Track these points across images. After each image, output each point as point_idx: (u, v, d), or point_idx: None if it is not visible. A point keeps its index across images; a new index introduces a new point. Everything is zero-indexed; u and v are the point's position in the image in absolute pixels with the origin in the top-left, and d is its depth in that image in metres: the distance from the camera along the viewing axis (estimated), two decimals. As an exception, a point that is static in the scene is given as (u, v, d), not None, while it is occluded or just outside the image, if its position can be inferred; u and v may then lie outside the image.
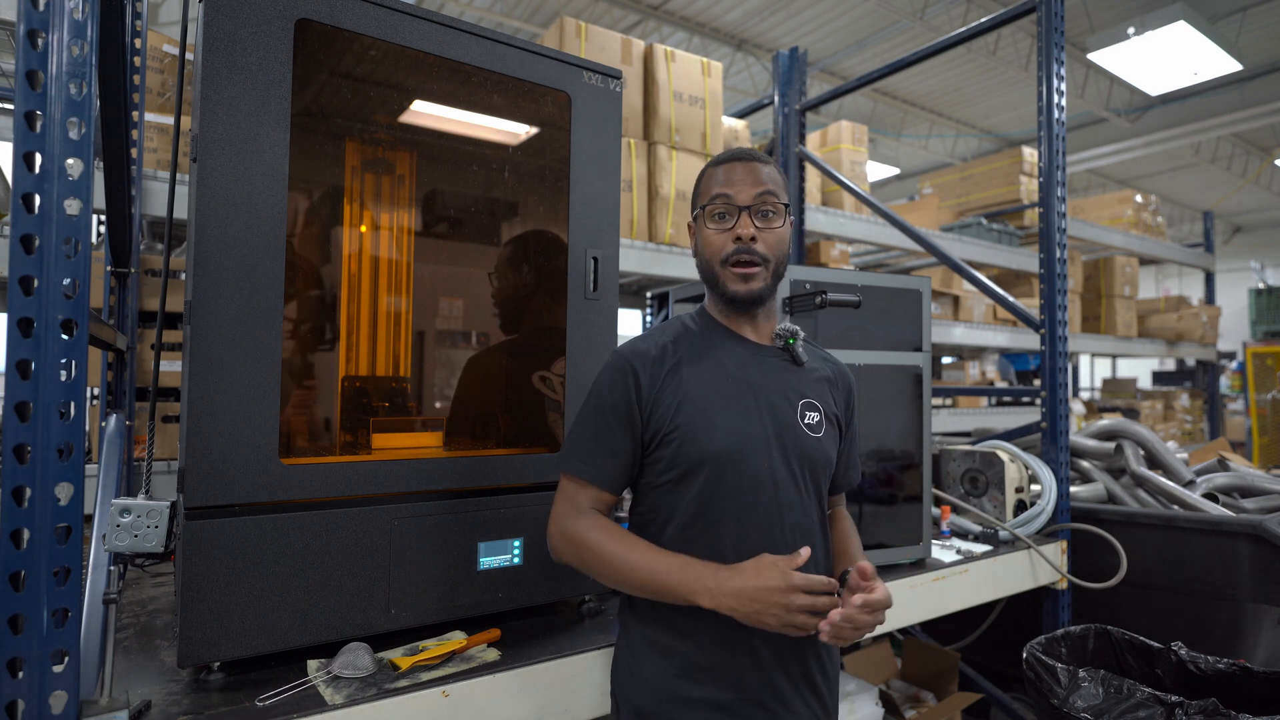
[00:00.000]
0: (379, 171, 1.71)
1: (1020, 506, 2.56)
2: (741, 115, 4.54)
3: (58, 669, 1.00)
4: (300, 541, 1.34)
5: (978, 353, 6.84)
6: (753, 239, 1.26)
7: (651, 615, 1.27)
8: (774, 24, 9.39)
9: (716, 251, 1.29)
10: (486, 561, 1.54)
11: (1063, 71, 2.66)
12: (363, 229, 1.72)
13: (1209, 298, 7.72)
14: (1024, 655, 1.98)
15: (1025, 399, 6.15)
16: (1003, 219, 6.06)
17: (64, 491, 1.00)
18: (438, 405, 1.84)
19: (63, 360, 1.00)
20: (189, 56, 2.52)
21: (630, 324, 9.14)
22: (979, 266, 5.21)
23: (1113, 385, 8.87)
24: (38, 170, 0.99)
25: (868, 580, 1.15)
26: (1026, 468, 2.62)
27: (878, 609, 1.13)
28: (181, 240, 2.90)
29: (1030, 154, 6.32)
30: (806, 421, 1.30)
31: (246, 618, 1.29)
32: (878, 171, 13.46)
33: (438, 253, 1.81)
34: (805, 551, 1.12)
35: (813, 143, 4.91)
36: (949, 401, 6.53)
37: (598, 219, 1.71)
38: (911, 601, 2.05)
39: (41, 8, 1.00)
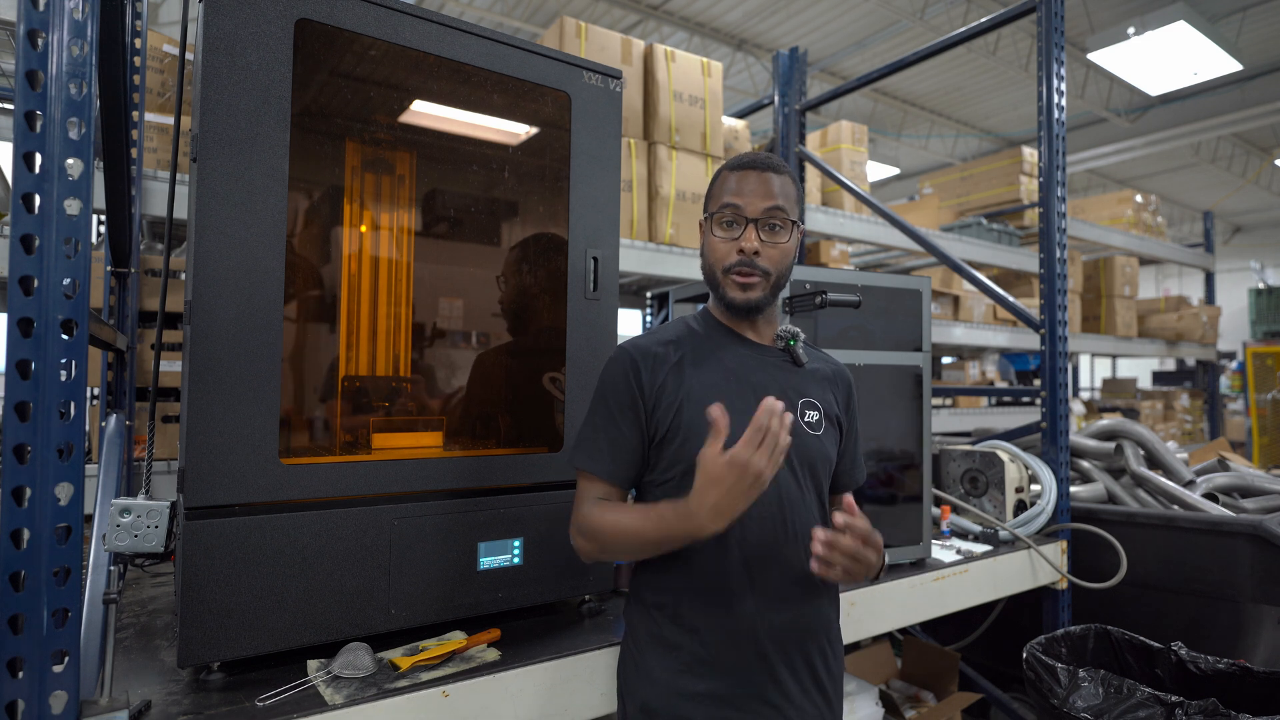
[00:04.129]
0: (379, 171, 1.71)
1: (1020, 506, 2.56)
2: (741, 115, 4.54)
3: (58, 669, 1.00)
4: (300, 541, 1.34)
5: (978, 353, 6.84)
6: (756, 253, 1.27)
7: (656, 611, 1.27)
8: (774, 24, 9.39)
9: (720, 259, 1.30)
10: (486, 561, 1.54)
11: (1063, 71, 2.66)
12: (363, 229, 1.72)
13: (1209, 298, 7.72)
14: (1024, 655, 1.98)
15: (1025, 399, 6.14)
16: (1003, 219, 6.05)
17: (64, 491, 1.00)
18: (438, 405, 1.84)
19: (63, 360, 1.00)
20: (189, 56, 2.52)
21: (630, 324, 9.14)
22: (979, 266, 5.20)
23: (1113, 385, 8.87)
24: (38, 170, 0.99)
25: (851, 512, 1.12)
26: (1026, 468, 2.62)
27: (861, 535, 1.10)
28: (181, 240, 2.90)
29: (1030, 154, 6.32)
30: (806, 420, 1.31)
31: (246, 618, 1.29)
32: (878, 171, 13.46)
33: (438, 253, 1.81)
34: (717, 411, 1.06)
35: (813, 143, 4.91)
36: (949, 401, 6.53)
37: (598, 219, 1.71)
38: (911, 601, 2.05)
39: (41, 8, 1.00)
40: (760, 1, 8.84)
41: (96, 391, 2.52)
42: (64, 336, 1.00)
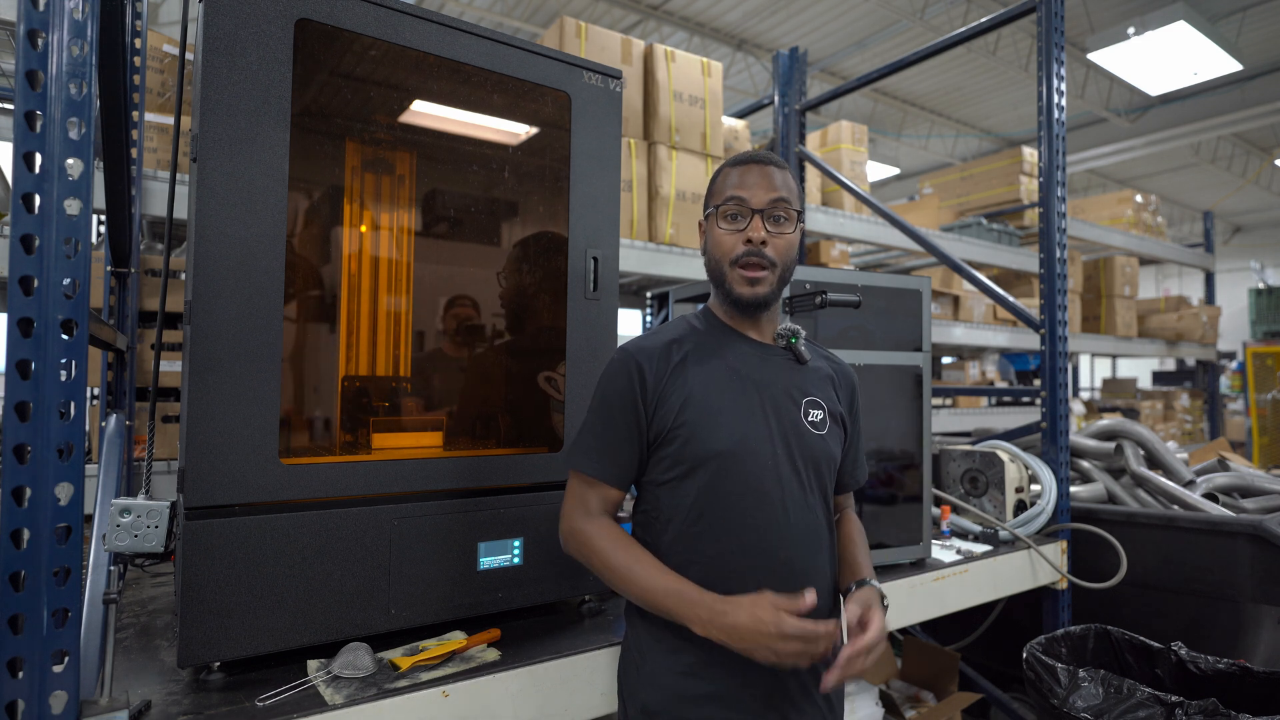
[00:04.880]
0: (379, 171, 1.72)
1: (1020, 506, 2.56)
2: (741, 115, 4.54)
3: (58, 669, 1.00)
4: (300, 541, 1.34)
5: (978, 353, 6.84)
6: (763, 242, 1.27)
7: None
8: (774, 24, 9.39)
9: (726, 252, 1.30)
10: (486, 561, 1.54)
11: (1063, 71, 2.66)
12: (363, 229, 1.72)
13: (1209, 298, 7.72)
14: (1024, 655, 1.98)
15: (1025, 399, 6.15)
16: (1003, 219, 6.06)
17: (64, 491, 1.00)
18: (438, 405, 1.84)
19: (63, 360, 1.00)
20: (189, 56, 2.52)
21: (630, 324, 9.15)
22: (979, 266, 5.21)
23: (1113, 385, 8.87)
24: (38, 170, 0.99)
25: (864, 627, 1.15)
26: (1026, 468, 2.62)
27: (868, 652, 1.13)
28: (181, 240, 2.90)
29: (1030, 154, 6.32)
30: (810, 419, 1.31)
31: (246, 618, 1.29)
32: (878, 171, 13.46)
33: (438, 253, 1.81)
34: (810, 597, 1.11)
35: (813, 143, 4.91)
36: (949, 401, 6.53)
37: (598, 219, 1.71)
38: (911, 601, 2.05)
39: (41, 8, 1.00)
40: (760, 1, 8.84)
41: (96, 391, 2.52)
42: (64, 336, 1.00)
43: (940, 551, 2.31)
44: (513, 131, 1.76)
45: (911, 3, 8.60)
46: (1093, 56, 8.53)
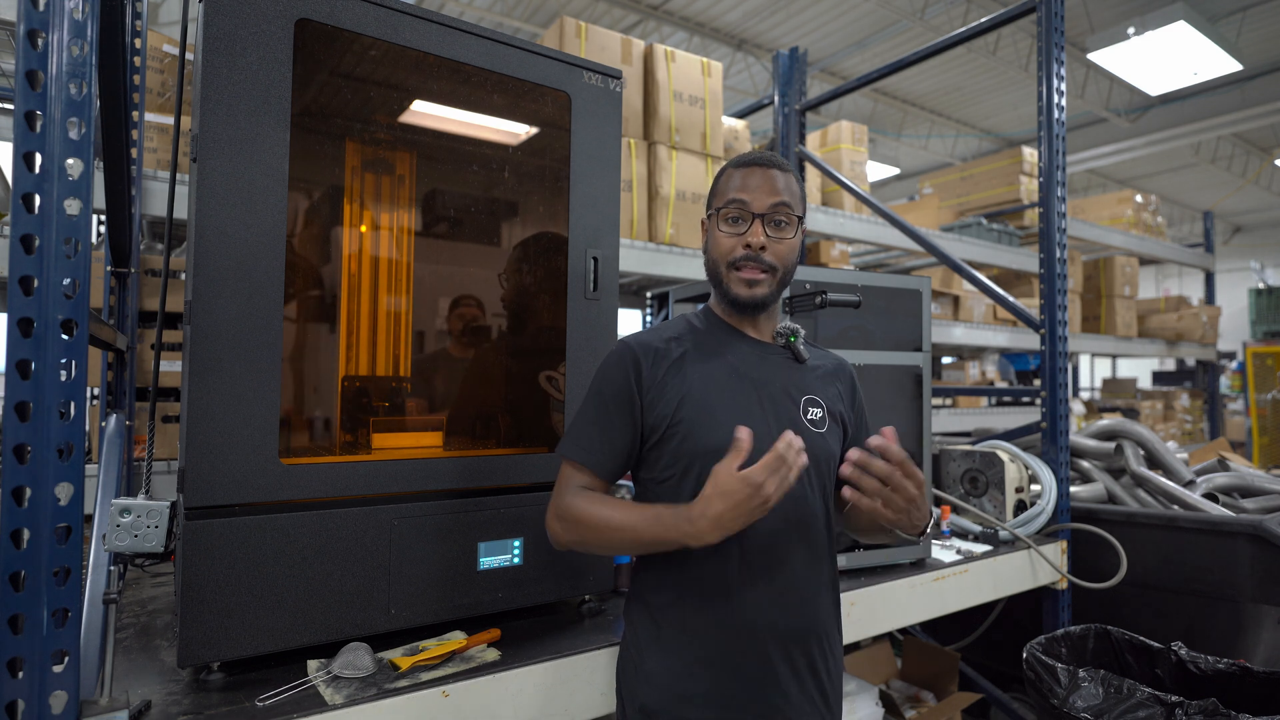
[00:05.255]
0: (379, 171, 1.72)
1: (1020, 506, 2.56)
2: (741, 115, 4.54)
3: (58, 669, 1.00)
4: (300, 541, 1.34)
5: (978, 353, 6.84)
6: (762, 248, 1.27)
7: (657, 612, 1.27)
8: (774, 24, 9.39)
9: (725, 254, 1.30)
10: (486, 561, 1.54)
11: (1063, 71, 2.66)
12: (363, 229, 1.72)
13: (1209, 298, 7.72)
14: (1024, 655, 1.98)
15: (1025, 399, 6.15)
16: (1003, 219, 6.05)
17: (64, 491, 1.00)
18: (438, 405, 1.84)
19: (63, 360, 1.00)
20: (189, 56, 2.52)
21: (630, 324, 9.14)
22: (979, 266, 5.20)
23: (1113, 385, 8.87)
24: (38, 170, 0.99)
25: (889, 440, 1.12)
26: (1026, 468, 2.62)
27: (897, 460, 1.10)
28: (181, 240, 2.90)
29: (1030, 154, 6.32)
30: (810, 417, 1.31)
31: (246, 618, 1.29)
32: (878, 171, 13.46)
33: (438, 253, 1.81)
34: (743, 431, 1.09)
35: (813, 143, 4.91)
36: (949, 401, 6.53)
37: (598, 219, 1.71)
38: (911, 601, 2.05)
39: (41, 8, 1.00)
40: (760, 1, 8.84)
41: (96, 391, 2.52)
42: (64, 336, 1.00)
43: (940, 551, 2.31)
44: (513, 131, 1.76)
45: (911, 3, 8.60)
46: (1093, 56, 8.53)
